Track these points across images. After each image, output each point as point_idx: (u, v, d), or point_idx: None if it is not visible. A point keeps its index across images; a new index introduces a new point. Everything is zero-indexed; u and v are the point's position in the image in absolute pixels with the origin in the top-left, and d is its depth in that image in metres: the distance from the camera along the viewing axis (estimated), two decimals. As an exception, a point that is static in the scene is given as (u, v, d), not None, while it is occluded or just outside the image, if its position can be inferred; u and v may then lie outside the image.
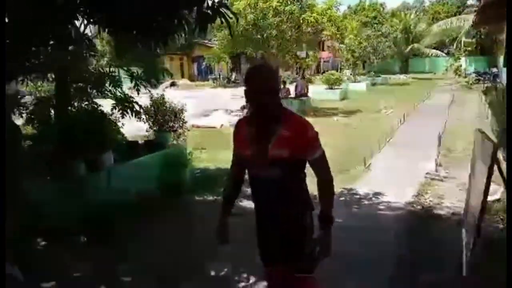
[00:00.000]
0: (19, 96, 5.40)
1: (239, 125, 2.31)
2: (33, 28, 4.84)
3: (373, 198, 5.70)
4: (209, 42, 26.02)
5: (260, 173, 2.19)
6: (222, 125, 12.65)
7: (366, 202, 5.61)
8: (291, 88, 16.27)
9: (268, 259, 2.39)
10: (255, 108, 2.16)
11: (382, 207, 5.38)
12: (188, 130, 7.19)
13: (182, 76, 33.47)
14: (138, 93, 5.53)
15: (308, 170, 2.23)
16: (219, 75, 32.96)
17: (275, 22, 14.12)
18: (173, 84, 25.29)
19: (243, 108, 16.65)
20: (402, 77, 32.27)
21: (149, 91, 5.83)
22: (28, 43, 4.94)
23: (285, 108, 2.23)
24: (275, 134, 2.11)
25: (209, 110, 15.06)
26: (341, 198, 5.65)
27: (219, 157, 8.50)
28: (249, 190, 2.31)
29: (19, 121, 5.04)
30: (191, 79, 33.88)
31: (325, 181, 2.22)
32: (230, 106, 17.02)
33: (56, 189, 4.36)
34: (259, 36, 14.22)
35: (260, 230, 2.35)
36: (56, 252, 3.92)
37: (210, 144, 9.54)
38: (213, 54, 18.37)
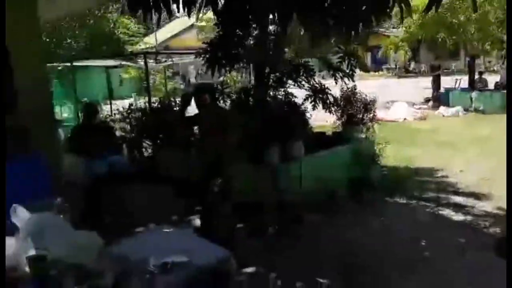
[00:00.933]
0: (224, 86, 5.83)
1: None
2: (238, 19, 5.15)
3: None
4: (386, 31, 24.38)
5: None
6: (405, 118, 11.65)
7: None
8: (490, 79, 13.87)
9: None
10: None
11: None
12: (379, 124, 6.66)
13: (356, 66, 32.72)
14: (336, 83, 5.33)
15: None
16: (396, 65, 31.06)
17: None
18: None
19: (427, 100, 15.04)
20: None
21: (345, 82, 5.55)
22: (233, 34, 5.29)
23: None
24: None
25: (388, 102, 14.03)
26: None
27: (404, 154, 7.73)
28: None
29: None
30: (365, 69, 32.72)
31: None
32: (410, 98, 15.56)
33: (256, 175, 4.54)
34: (454, 20, 12.46)
35: None
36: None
37: (393, 139, 8.76)
38: (390, 43, 17.12)
